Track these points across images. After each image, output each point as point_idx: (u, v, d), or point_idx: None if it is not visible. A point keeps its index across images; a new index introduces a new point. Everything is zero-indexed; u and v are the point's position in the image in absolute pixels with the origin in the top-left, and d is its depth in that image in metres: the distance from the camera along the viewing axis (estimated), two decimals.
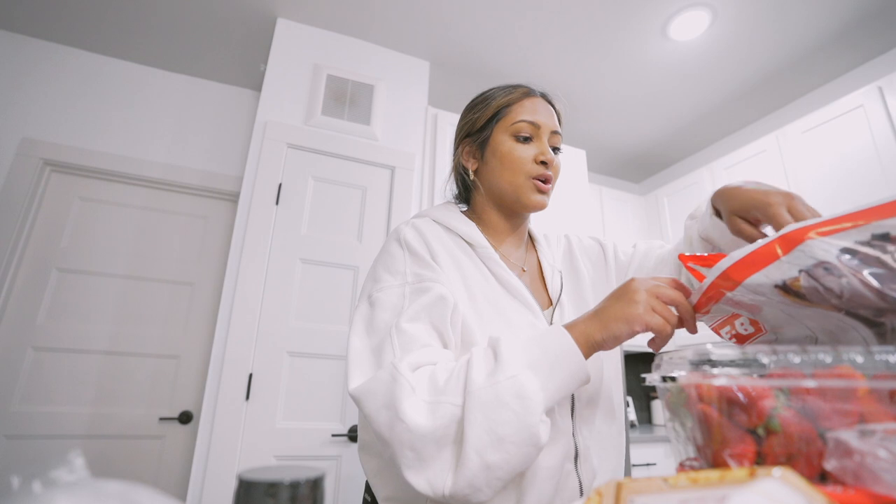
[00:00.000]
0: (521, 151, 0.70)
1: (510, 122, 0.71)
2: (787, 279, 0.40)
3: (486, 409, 0.47)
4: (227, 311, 1.66)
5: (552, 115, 0.74)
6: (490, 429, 0.46)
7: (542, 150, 0.70)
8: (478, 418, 0.46)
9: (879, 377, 0.30)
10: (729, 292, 0.45)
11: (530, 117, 0.71)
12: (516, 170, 0.70)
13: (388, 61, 2.24)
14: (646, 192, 3.43)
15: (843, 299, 0.38)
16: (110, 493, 0.19)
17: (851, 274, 0.37)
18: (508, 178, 0.70)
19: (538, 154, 0.69)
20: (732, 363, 0.34)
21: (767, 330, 0.50)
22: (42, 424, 1.85)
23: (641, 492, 0.26)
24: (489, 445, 0.46)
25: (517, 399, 0.47)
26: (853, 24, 2.07)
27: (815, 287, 0.39)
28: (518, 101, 0.73)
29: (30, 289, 1.96)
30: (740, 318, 0.51)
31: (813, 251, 0.38)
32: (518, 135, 0.70)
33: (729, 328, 0.52)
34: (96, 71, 2.25)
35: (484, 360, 0.51)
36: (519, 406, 0.46)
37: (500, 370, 0.48)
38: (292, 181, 1.88)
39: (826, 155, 2.09)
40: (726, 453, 0.31)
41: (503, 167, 0.71)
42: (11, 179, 1.97)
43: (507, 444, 0.46)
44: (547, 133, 0.71)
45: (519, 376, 0.48)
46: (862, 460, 0.26)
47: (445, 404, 0.48)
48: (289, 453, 1.60)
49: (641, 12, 2.02)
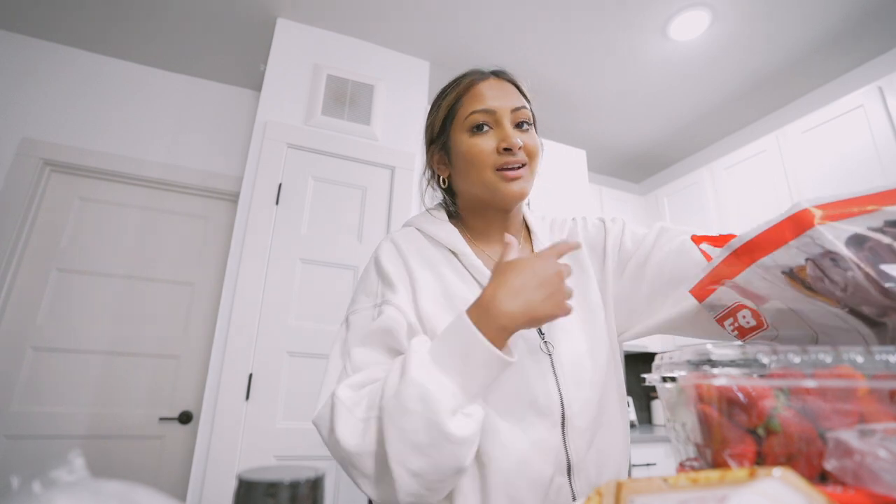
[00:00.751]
0: (481, 145, 0.64)
1: (463, 116, 0.66)
2: (794, 266, 0.40)
3: (396, 420, 0.47)
4: (227, 311, 1.66)
5: (509, 92, 0.68)
6: (404, 438, 0.47)
7: (502, 136, 0.63)
8: (391, 431, 0.47)
9: (879, 377, 0.30)
10: (737, 276, 0.45)
11: (481, 105, 0.64)
12: (480, 165, 0.64)
13: (388, 61, 2.24)
14: (646, 192, 3.43)
15: (847, 293, 0.38)
16: (110, 493, 0.19)
17: (857, 268, 0.36)
18: (476, 176, 0.65)
19: (499, 142, 0.63)
20: (732, 363, 0.34)
21: (769, 325, 0.49)
22: (42, 424, 1.85)
23: (641, 492, 0.26)
24: (409, 455, 0.46)
25: (421, 403, 0.46)
26: (853, 24, 2.07)
27: (820, 277, 0.39)
28: (466, 91, 0.67)
29: (30, 289, 1.96)
30: (743, 311, 0.51)
31: (822, 239, 0.38)
32: (474, 127, 0.64)
33: (732, 320, 0.52)
34: (96, 71, 2.25)
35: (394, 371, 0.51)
36: (424, 409, 0.46)
37: (404, 378, 0.48)
38: (292, 181, 1.88)
39: (826, 155, 2.09)
40: (726, 453, 0.31)
41: (468, 166, 0.65)
42: (11, 179, 1.97)
43: (425, 450, 0.46)
44: (506, 115, 0.65)
45: (419, 379, 0.47)
46: (862, 460, 0.26)
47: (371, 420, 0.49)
48: (289, 453, 1.60)
49: (641, 12, 2.02)
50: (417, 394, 0.47)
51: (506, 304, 0.49)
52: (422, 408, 0.46)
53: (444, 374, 0.48)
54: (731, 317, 0.52)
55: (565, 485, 0.57)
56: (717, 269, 0.48)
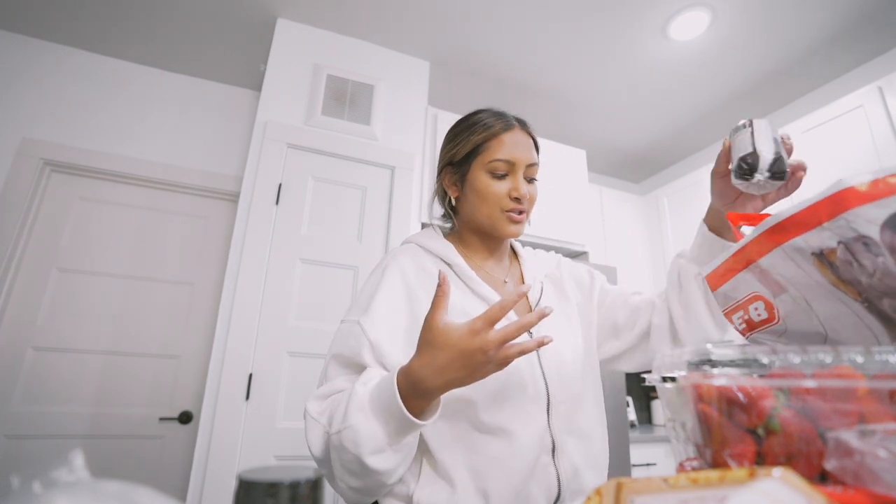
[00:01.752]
0: (497, 188, 0.75)
1: (487, 159, 0.75)
2: (825, 249, 0.40)
3: (337, 453, 0.57)
4: (227, 311, 1.66)
5: (529, 147, 0.78)
6: (342, 466, 0.58)
7: (515, 185, 0.75)
8: (335, 457, 0.58)
9: (879, 377, 0.30)
10: (763, 256, 0.45)
11: (506, 156, 0.75)
12: (492, 204, 0.75)
13: (388, 61, 2.24)
14: (646, 192, 3.43)
15: (874, 278, 0.38)
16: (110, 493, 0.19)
17: (890, 252, 0.36)
18: (485, 211, 0.76)
19: (512, 189, 0.74)
20: (732, 363, 0.34)
21: (780, 318, 0.49)
22: (42, 424, 1.85)
23: (641, 492, 0.26)
24: (347, 476, 0.58)
25: (352, 444, 0.56)
26: (853, 24, 2.07)
27: (849, 261, 0.39)
28: (494, 137, 0.76)
29: (30, 289, 1.96)
30: (756, 303, 0.50)
31: (857, 223, 0.37)
32: (495, 172, 0.75)
33: (742, 313, 0.51)
34: (96, 71, 2.25)
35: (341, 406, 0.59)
36: (354, 449, 0.55)
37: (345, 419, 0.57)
38: (292, 181, 1.88)
39: (826, 155, 2.09)
40: (726, 453, 0.31)
41: (480, 201, 0.76)
42: (11, 179, 1.97)
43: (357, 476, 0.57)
44: (522, 168, 0.76)
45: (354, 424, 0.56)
46: (862, 460, 0.26)
47: (333, 436, 0.59)
48: (289, 453, 1.60)
49: (641, 12, 2.02)
50: (351, 437, 0.56)
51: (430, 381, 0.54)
52: (352, 448, 0.56)
53: (376, 420, 0.56)
54: (742, 309, 0.51)
55: (550, 464, 0.66)
56: (746, 248, 0.47)
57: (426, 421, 0.56)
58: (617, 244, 2.87)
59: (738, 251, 0.49)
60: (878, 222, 0.36)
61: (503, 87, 2.51)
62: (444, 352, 0.53)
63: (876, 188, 0.36)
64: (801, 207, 0.41)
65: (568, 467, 0.66)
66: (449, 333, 0.53)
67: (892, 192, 0.36)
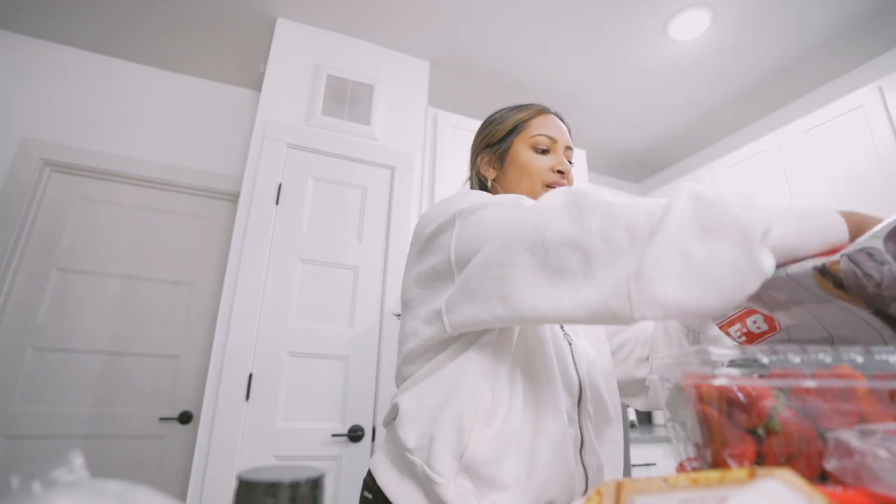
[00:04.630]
0: (540, 161, 0.76)
1: (529, 135, 0.77)
2: (826, 262, 0.40)
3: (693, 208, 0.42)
4: (227, 311, 1.66)
5: (566, 132, 0.81)
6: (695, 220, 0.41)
7: (559, 160, 0.76)
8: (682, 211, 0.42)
9: (879, 377, 0.30)
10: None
11: (548, 132, 0.77)
12: (535, 178, 0.75)
13: (388, 61, 2.24)
14: (645, 193, 3.43)
15: (882, 287, 0.38)
16: (110, 493, 0.19)
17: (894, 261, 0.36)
18: (527, 185, 0.76)
19: (555, 164, 0.76)
20: (732, 363, 0.34)
21: (782, 328, 0.49)
22: (42, 424, 1.85)
23: (641, 492, 0.26)
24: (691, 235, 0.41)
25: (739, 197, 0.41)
26: (853, 24, 2.07)
27: (854, 272, 0.39)
28: (535, 116, 0.79)
29: (30, 289, 1.96)
30: (754, 316, 0.50)
31: (859, 240, 0.38)
32: (537, 147, 0.77)
33: (739, 326, 0.52)
34: (96, 71, 2.25)
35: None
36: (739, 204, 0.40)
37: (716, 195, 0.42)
38: (292, 181, 1.88)
39: (826, 155, 2.09)
40: (726, 453, 0.31)
41: (523, 175, 0.76)
42: (11, 179, 1.97)
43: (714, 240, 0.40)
44: (562, 147, 0.78)
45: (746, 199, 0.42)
46: (862, 460, 0.26)
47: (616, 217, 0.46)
48: (289, 453, 1.60)
49: (641, 12, 2.02)
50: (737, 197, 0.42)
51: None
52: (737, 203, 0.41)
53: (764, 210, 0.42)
54: (739, 322, 0.51)
55: (577, 456, 0.64)
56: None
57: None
58: None
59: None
60: (881, 235, 0.37)
61: (503, 88, 2.51)
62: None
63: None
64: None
65: (594, 463, 0.65)
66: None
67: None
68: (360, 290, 1.85)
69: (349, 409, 1.71)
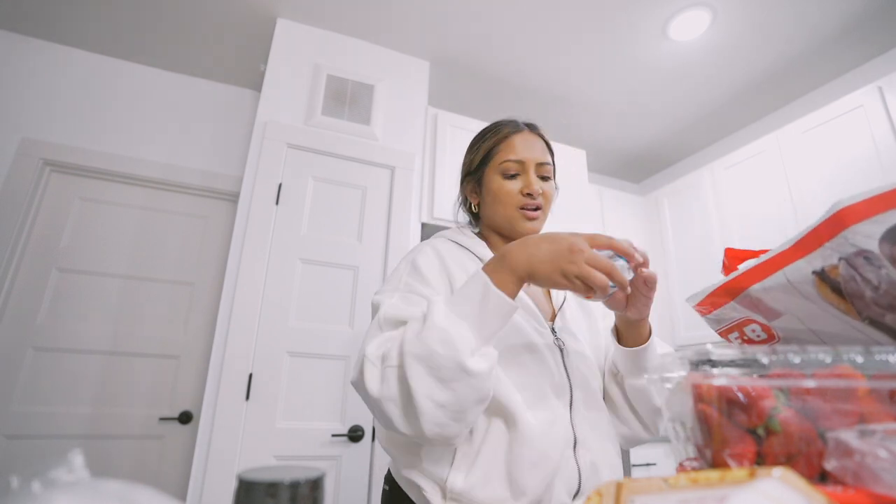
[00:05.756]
0: (509, 187, 0.79)
1: (498, 162, 0.81)
2: (826, 266, 0.40)
3: (422, 360, 0.55)
4: (227, 311, 1.66)
5: (537, 146, 0.82)
6: (430, 374, 0.55)
7: (526, 183, 0.79)
8: (417, 369, 0.55)
9: (879, 377, 0.30)
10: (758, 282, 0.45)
11: (515, 156, 0.80)
12: (507, 204, 0.79)
13: (388, 61, 2.24)
14: (646, 192, 3.43)
15: (880, 291, 0.38)
16: (110, 493, 0.19)
17: (892, 264, 0.36)
18: (501, 211, 0.80)
19: (523, 187, 0.79)
20: (732, 363, 0.34)
21: (780, 337, 0.49)
22: (42, 424, 1.85)
23: (641, 492, 0.26)
24: (434, 389, 0.55)
25: (443, 345, 0.54)
26: (853, 24, 2.07)
27: (852, 276, 0.39)
28: (502, 141, 0.82)
29: (30, 289, 1.96)
30: (751, 325, 0.50)
31: (855, 239, 0.38)
32: (506, 173, 0.80)
33: (738, 334, 0.52)
34: (96, 71, 2.25)
35: (414, 323, 0.60)
36: (446, 350, 0.54)
37: (426, 325, 0.57)
38: (292, 181, 1.88)
39: (826, 155, 2.09)
40: (726, 453, 0.31)
41: (496, 202, 0.81)
42: (11, 179, 1.97)
43: (449, 384, 0.55)
44: (532, 166, 0.79)
45: (442, 325, 0.56)
46: (862, 460, 0.26)
47: (389, 368, 0.58)
48: (289, 453, 1.60)
49: (641, 12, 2.02)
50: (440, 337, 0.55)
51: (515, 253, 0.59)
52: (444, 349, 0.54)
53: (462, 321, 0.57)
54: (738, 330, 0.52)
55: (571, 458, 0.67)
56: (731, 282, 0.48)
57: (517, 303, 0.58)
58: None
59: (723, 285, 0.49)
60: (875, 237, 0.37)
61: (503, 87, 2.51)
62: (541, 235, 0.60)
63: (871, 206, 0.37)
64: (802, 234, 0.42)
65: (587, 462, 0.68)
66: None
67: (888, 208, 0.37)
68: (360, 290, 1.85)
69: (349, 409, 1.71)
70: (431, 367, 0.55)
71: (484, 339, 0.57)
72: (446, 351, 0.54)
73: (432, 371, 0.55)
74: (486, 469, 0.64)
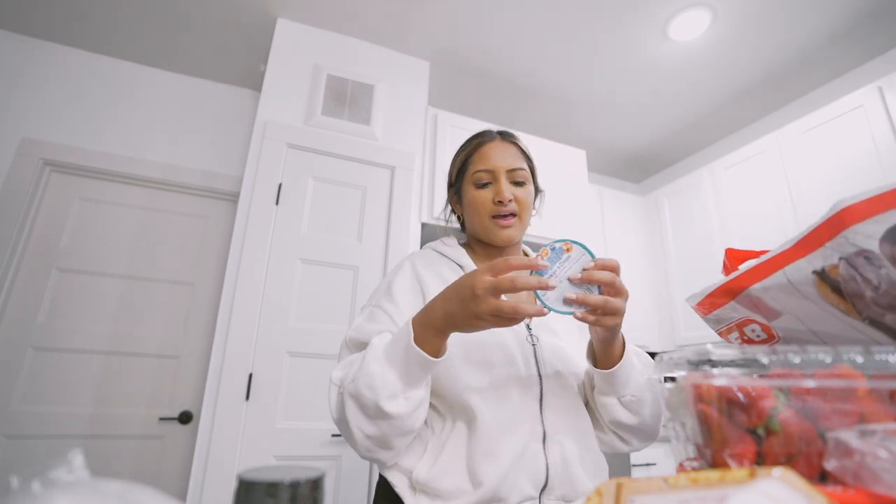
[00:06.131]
0: (482, 197, 0.81)
1: (471, 173, 0.83)
2: (826, 266, 0.40)
3: (354, 399, 0.63)
4: (227, 311, 1.66)
5: (509, 153, 0.83)
6: (359, 412, 0.62)
7: (497, 191, 0.80)
8: (352, 405, 0.63)
9: (879, 377, 0.30)
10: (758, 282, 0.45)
11: (484, 165, 0.81)
12: (481, 214, 0.81)
13: (388, 61, 2.24)
14: (646, 193, 3.43)
15: (880, 291, 0.38)
16: (110, 492, 0.19)
17: (892, 264, 0.36)
18: (477, 220, 0.82)
19: (494, 196, 0.80)
20: (732, 363, 0.34)
21: (780, 337, 0.49)
22: (42, 424, 1.85)
23: (641, 492, 0.26)
24: (363, 423, 0.62)
25: (369, 389, 0.61)
26: (853, 24, 2.07)
27: (852, 276, 0.39)
28: (473, 152, 0.84)
29: (30, 289, 1.96)
30: (751, 325, 0.50)
31: (856, 238, 0.38)
32: (478, 183, 0.82)
33: (738, 334, 0.52)
34: (96, 71, 2.25)
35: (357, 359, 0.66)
36: (371, 394, 0.61)
37: (361, 368, 0.63)
38: (292, 181, 1.88)
39: (826, 155, 2.09)
40: (726, 453, 0.31)
41: (472, 212, 0.83)
42: (11, 179, 1.97)
43: (373, 421, 0.62)
44: (503, 174, 0.80)
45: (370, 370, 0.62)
46: (862, 460, 0.26)
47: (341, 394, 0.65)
48: (289, 453, 1.60)
49: (641, 12, 2.02)
50: (366, 382, 0.61)
51: (435, 308, 0.61)
52: (369, 392, 0.61)
53: (391, 368, 0.62)
54: (738, 330, 0.52)
55: (540, 451, 0.68)
56: (731, 281, 0.48)
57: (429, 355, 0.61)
58: (617, 244, 2.87)
59: (723, 285, 0.49)
60: (876, 237, 0.37)
61: (503, 88, 2.51)
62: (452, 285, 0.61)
63: (872, 205, 0.37)
64: (803, 234, 0.42)
65: (558, 457, 0.68)
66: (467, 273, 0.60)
67: (888, 208, 0.37)
68: (360, 290, 1.85)
69: None
70: (360, 406, 0.62)
71: (409, 384, 0.62)
72: (370, 394, 0.61)
73: (361, 408, 0.62)
74: (448, 461, 0.67)
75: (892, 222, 0.36)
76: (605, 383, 0.71)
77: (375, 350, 0.64)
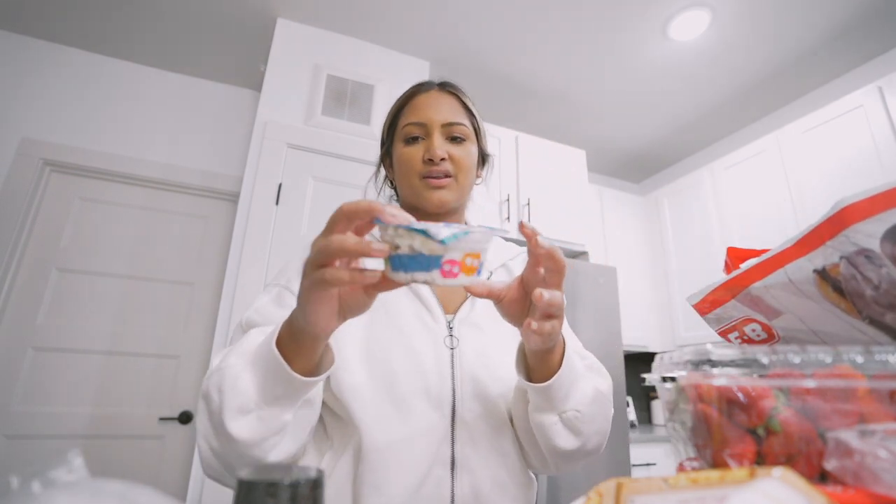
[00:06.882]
0: (410, 153, 0.67)
1: (400, 127, 0.69)
2: (827, 264, 0.40)
3: (203, 399, 0.47)
4: (227, 311, 1.66)
5: (446, 106, 0.69)
6: (206, 418, 0.46)
7: (427, 147, 0.66)
8: (201, 407, 0.47)
9: (879, 377, 0.30)
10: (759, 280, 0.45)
11: (416, 118, 0.67)
12: (411, 174, 0.67)
13: (388, 61, 2.24)
14: (646, 193, 3.43)
15: (880, 290, 0.38)
16: (110, 492, 0.19)
17: (893, 263, 0.36)
18: (406, 182, 0.68)
19: (424, 152, 0.66)
20: (732, 363, 0.34)
21: (781, 336, 0.49)
22: (42, 424, 1.85)
23: (641, 492, 0.26)
24: (209, 433, 0.46)
25: (218, 392, 0.45)
26: (853, 24, 2.07)
27: (853, 275, 0.39)
28: (407, 102, 0.71)
29: (30, 289, 1.96)
30: (751, 325, 0.50)
31: (857, 237, 0.38)
32: (407, 138, 0.68)
33: (738, 333, 0.52)
34: (96, 71, 2.25)
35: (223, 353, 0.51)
36: (218, 399, 0.45)
37: (224, 360, 0.48)
38: (292, 181, 1.88)
39: (826, 155, 2.09)
40: (726, 453, 0.31)
41: (400, 172, 0.69)
42: (11, 179, 1.97)
43: (218, 434, 0.45)
44: (437, 127, 0.66)
45: (227, 369, 0.46)
46: (862, 460, 0.26)
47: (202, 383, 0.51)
48: None
49: (641, 12, 2.02)
50: (218, 382, 0.45)
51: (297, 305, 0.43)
52: (217, 396, 0.45)
53: (252, 370, 0.45)
54: (738, 330, 0.52)
55: (446, 479, 0.56)
56: (734, 279, 0.48)
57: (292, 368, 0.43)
58: (617, 244, 2.87)
59: (724, 283, 0.49)
60: (877, 236, 0.37)
61: (503, 87, 2.51)
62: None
63: (873, 204, 0.37)
64: (804, 232, 0.42)
65: (466, 487, 0.56)
66: None
67: (888, 207, 0.37)
68: None
69: None
70: (208, 411, 0.46)
71: (267, 401, 0.45)
72: (217, 399, 0.45)
73: (208, 414, 0.46)
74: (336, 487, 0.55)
75: (893, 221, 0.36)
76: (541, 399, 0.53)
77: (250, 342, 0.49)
